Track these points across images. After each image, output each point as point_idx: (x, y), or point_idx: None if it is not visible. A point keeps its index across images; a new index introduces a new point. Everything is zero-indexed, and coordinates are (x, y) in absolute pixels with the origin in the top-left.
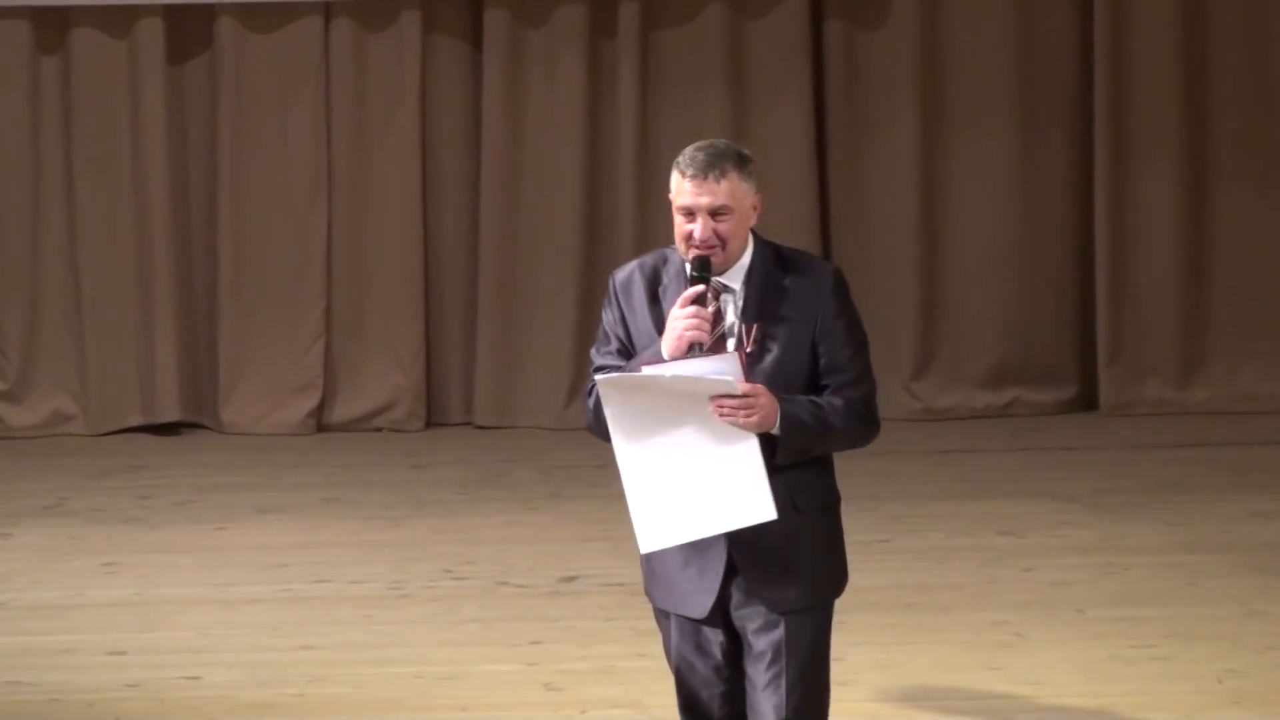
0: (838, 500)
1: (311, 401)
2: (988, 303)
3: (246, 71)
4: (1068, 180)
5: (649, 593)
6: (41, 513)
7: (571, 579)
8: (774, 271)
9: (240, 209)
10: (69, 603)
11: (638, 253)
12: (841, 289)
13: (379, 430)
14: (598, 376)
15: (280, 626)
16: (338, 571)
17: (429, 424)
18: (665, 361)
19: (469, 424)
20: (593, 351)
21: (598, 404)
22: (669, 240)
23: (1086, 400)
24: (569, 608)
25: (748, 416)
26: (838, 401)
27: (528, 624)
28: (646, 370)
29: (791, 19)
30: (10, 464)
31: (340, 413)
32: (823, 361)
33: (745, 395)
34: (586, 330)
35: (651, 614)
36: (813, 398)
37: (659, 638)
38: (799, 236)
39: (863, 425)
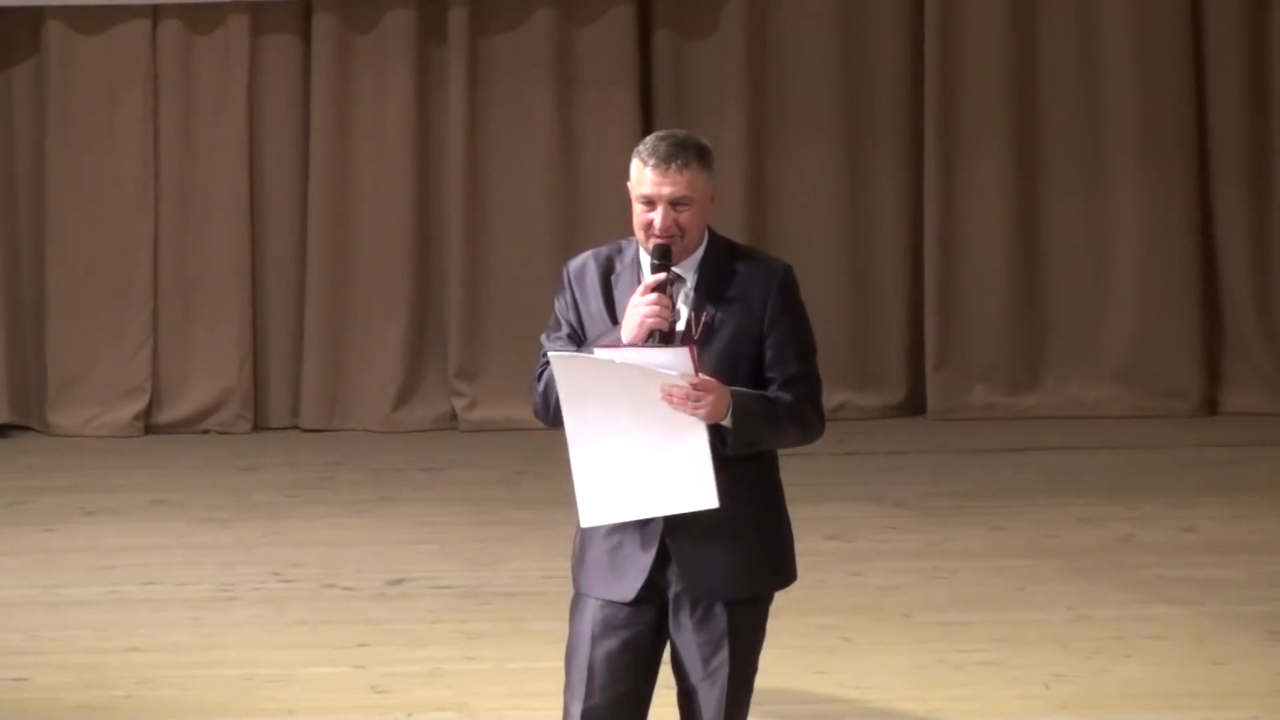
0: (780, 494)
1: (139, 404)
2: (814, 306)
3: (74, 74)
4: (896, 184)
5: (574, 579)
6: None
7: (399, 581)
8: (726, 263)
9: (67, 212)
10: None
11: (466, 257)
12: (791, 285)
13: (207, 433)
14: (551, 353)
15: (108, 628)
16: (166, 573)
17: (256, 427)
18: (620, 346)
19: (296, 427)
20: (543, 337)
21: (548, 386)
22: (497, 243)
23: (914, 405)
24: (396, 610)
25: (696, 407)
26: (787, 397)
27: (355, 626)
28: (600, 352)
29: (619, 26)
30: None
31: (168, 415)
32: (769, 354)
33: (695, 388)
34: (415, 334)
35: (484, 617)
36: (764, 392)
37: (487, 641)
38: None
39: (811, 422)
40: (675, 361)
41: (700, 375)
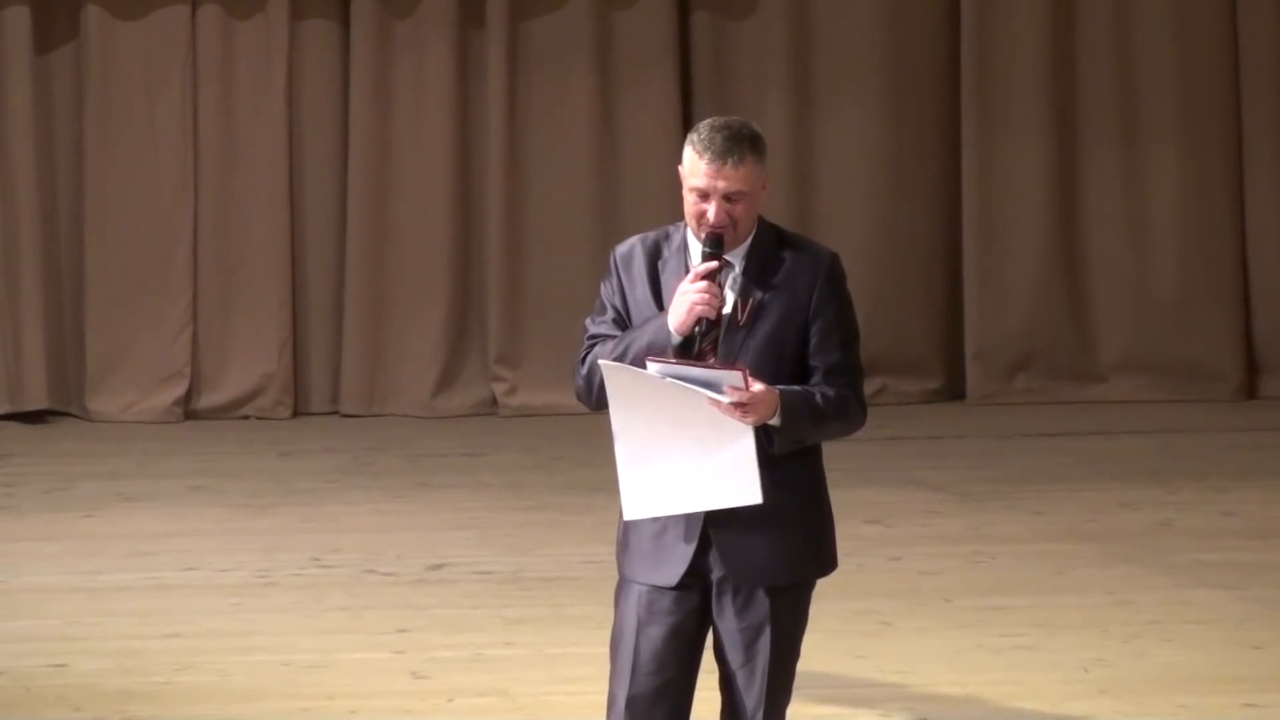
0: (823, 482)
1: (179, 390)
2: (855, 291)
3: (113, 60)
4: (936, 170)
5: (619, 565)
6: None
7: (439, 567)
8: (774, 250)
9: (107, 198)
10: None
11: (506, 241)
12: (837, 274)
13: (246, 418)
14: (601, 361)
15: (147, 614)
16: (205, 559)
17: (296, 412)
18: (672, 362)
19: (336, 413)
20: (588, 321)
21: (591, 370)
22: (537, 228)
23: (954, 390)
24: (436, 596)
25: (745, 415)
26: (830, 391)
27: (395, 612)
28: (652, 366)
29: (658, 8)
30: None
31: (207, 401)
32: (812, 342)
33: (744, 404)
34: (455, 319)
35: (524, 602)
36: (808, 388)
37: (527, 626)
38: (668, 223)
39: (854, 415)
40: (727, 380)
41: (752, 389)
